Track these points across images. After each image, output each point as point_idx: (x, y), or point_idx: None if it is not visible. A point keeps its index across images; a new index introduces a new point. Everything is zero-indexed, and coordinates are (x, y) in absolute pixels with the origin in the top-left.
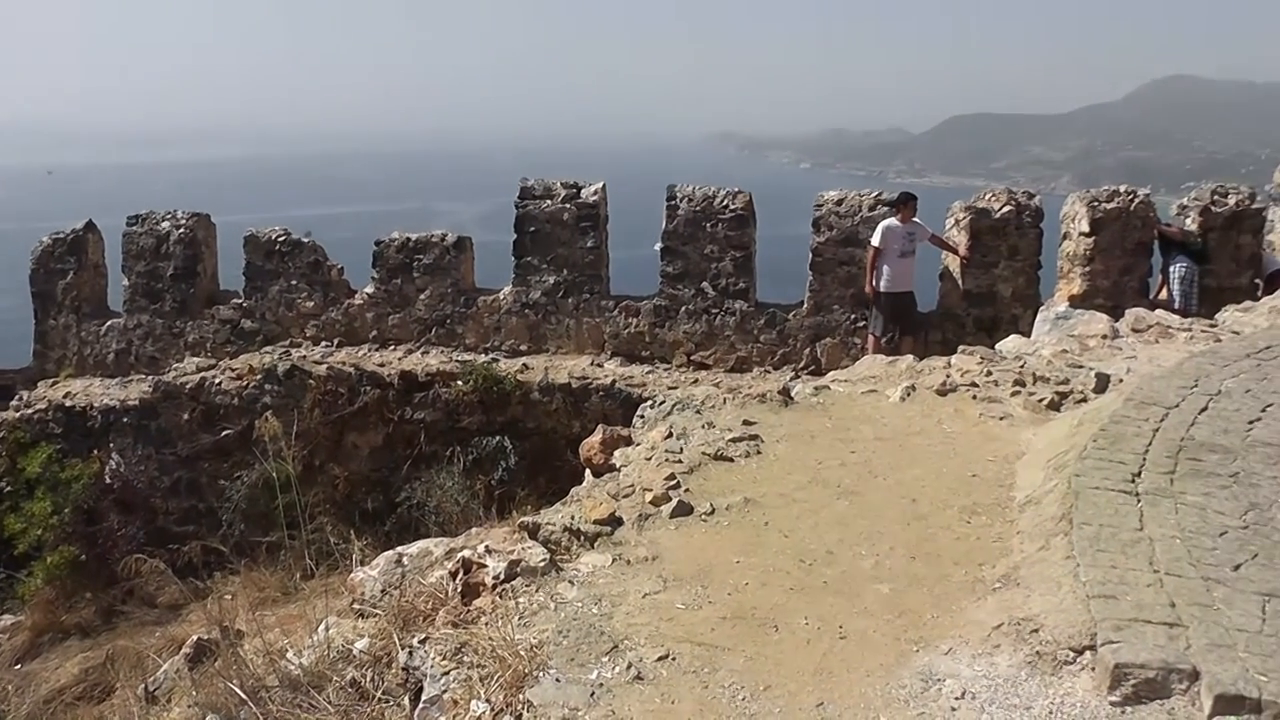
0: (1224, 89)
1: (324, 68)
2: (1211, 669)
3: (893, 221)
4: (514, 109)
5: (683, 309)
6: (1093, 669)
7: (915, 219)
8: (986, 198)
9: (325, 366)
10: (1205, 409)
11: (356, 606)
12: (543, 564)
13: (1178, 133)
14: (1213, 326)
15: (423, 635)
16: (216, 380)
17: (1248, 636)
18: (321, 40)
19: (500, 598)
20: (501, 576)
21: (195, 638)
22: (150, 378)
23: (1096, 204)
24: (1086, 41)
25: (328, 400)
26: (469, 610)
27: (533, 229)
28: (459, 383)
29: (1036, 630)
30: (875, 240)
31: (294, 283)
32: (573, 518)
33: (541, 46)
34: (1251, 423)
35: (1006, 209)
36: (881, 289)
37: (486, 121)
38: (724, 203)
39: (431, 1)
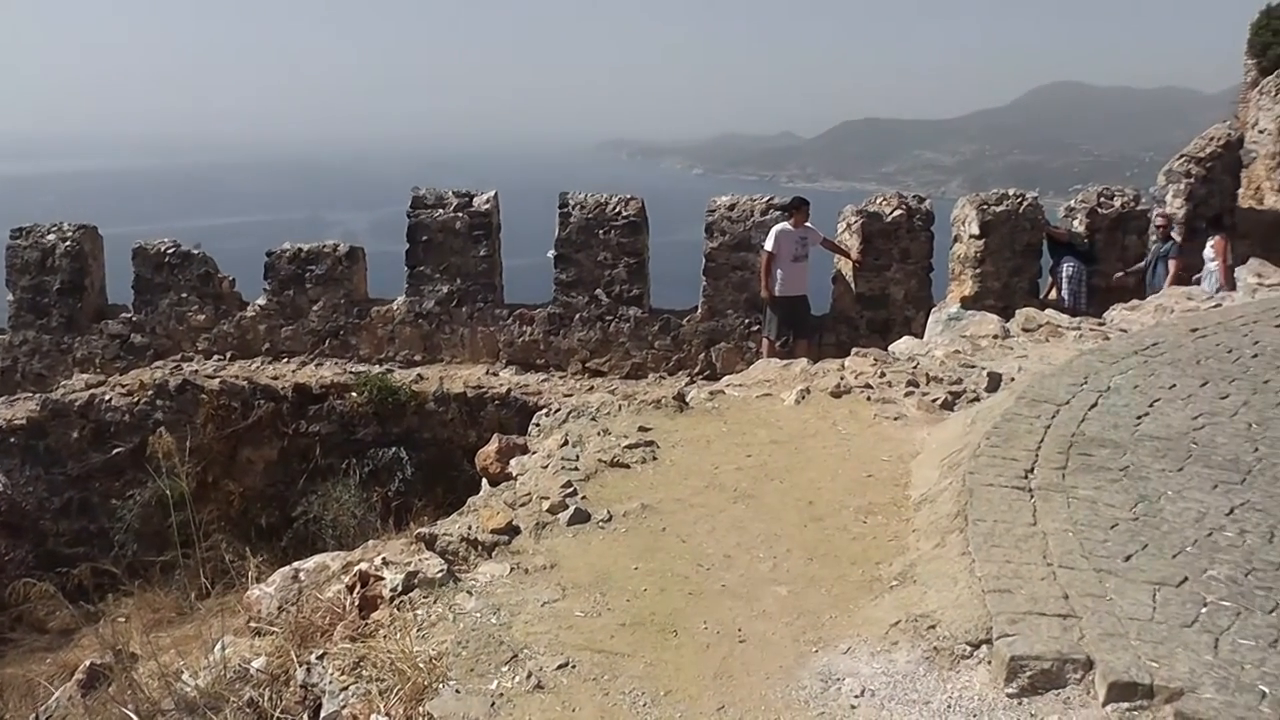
0: (1108, 94)
1: (201, 75)
2: (1105, 658)
3: (785, 226)
4: (398, 117)
5: (577, 316)
6: (989, 662)
7: (808, 223)
8: (878, 202)
9: (218, 381)
10: (1095, 405)
11: (253, 624)
12: (440, 575)
13: (1064, 137)
14: (1101, 325)
15: (321, 651)
16: (106, 397)
17: (1139, 625)
18: (200, 49)
19: (398, 610)
20: (399, 589)
21: (88, 663)
22: (38, 396)
23: (986, 207)
24: (974, 48)
25: (221, 415)
26: (367, 624)
27: (425, 238)
28: (353, 394)
29: (933, 626)
30: (768, 245)
31: (184, 295)
32: (470, 528)
33: (425, 53)
34: (1140, 418)
35: (898, 213)
36: (776, 293)
37: (370, 129)
38: (616, 210)
39: (309, 5)
